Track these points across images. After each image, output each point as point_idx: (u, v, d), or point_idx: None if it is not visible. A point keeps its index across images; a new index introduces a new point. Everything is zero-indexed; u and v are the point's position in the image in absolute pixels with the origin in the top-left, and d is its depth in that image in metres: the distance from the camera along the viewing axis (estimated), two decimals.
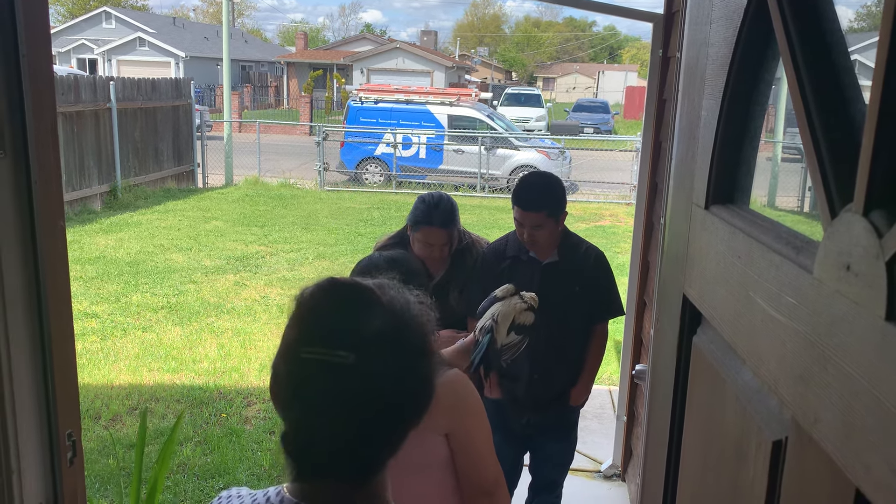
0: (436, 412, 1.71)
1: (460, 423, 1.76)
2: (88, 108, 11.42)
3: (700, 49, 1.42)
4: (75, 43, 37.97)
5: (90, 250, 9.18)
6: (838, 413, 0.75)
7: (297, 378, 0.94)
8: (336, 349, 0.91)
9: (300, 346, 0.93)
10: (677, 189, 1.56)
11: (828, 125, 0.83)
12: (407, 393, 0.98)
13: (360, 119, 15.73)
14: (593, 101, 34.78)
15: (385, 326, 0.94)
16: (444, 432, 1.74)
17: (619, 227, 11.78)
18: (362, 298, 0.95)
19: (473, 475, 1.78)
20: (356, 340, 0.92)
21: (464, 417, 1.77)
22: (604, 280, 2.93)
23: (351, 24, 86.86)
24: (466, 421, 1.77)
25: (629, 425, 3.85)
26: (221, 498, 1.10)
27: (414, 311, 1.00)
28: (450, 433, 1.75)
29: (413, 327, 0.99)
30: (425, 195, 2.86)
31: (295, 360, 0.94)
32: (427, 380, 1.01)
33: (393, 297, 0.99)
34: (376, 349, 0.93)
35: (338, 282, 0.97)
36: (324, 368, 0.91)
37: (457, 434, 1.75)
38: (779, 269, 0.93)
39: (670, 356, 1.52)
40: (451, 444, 1.76)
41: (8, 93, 1.32)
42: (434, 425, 1.72)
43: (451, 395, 1.74)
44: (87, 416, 4.77)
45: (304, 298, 0.96)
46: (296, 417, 0.95)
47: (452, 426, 1.75)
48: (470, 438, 1.78)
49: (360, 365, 0.91)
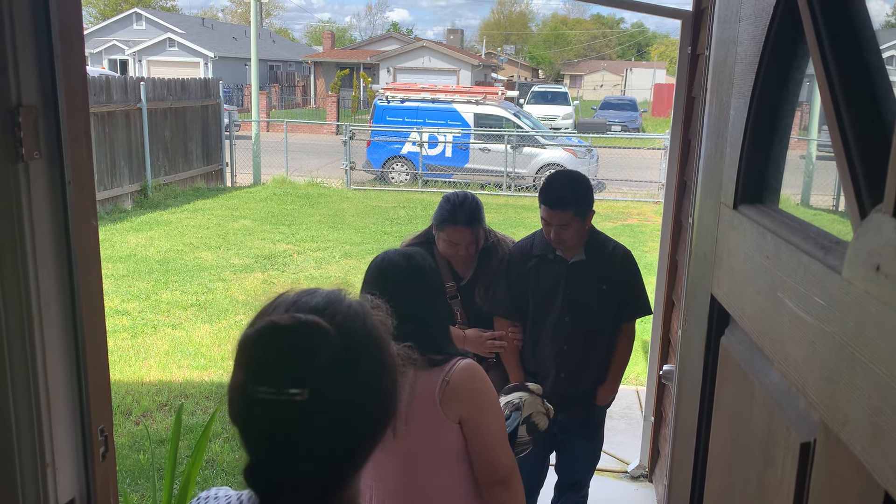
0: (450, 399, 1.74)
1: (473, 410, 1.79)
2: (120, 109, 11.59)
3: (729, 47, 1.41)
4: (107, 44, 38.52)
5: (121, 248, 9.32)
6: (867, 415, 0.74)
7: (252, 414, 0.92)
8: (286, 388, 0.87)
9: (250, 384, 0.89)
10: (705, 188, 1.55)
11: (858, 124, 0.82)
12: (369, 410, 0.96)
13: (387, 118, 15.77)
14: (621, 99, 34.51)
15: (335, 354, 0.90)
16: (457, 419, 1.77)
17: (647, 226, 11.69)
18: (304, 336, 0.89)
19: (488, 463, 1.80)
20: (305, 376, 0.88)
21: (476, 405, 1.80)
22: (631, 279, 2.91)
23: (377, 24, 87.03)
24: (479, 408, 1.80)
25: (656, 426, 3.82)
26: (200, 498, 1.10)
27: (369, 325, 0.97)
28: (463, 420, 1.78)
29: (370, 342, 0.96)
30: (450, 194, 2.87)
31: (247, 396, 0.90)
32: (389, 391, 0.99)
33: (345, 315, 0.94)
34: (329, 378, 0.90)
35: (275, 322, 0.91)
36: (277, 406, 0.88)
37: (470, 421, 1.78)
38: (807, 270, 0.93)
39: (698, 357, 1.51)
40: (464, 432, 1.79)
41: (42, 94, 1.35)
42: (449, 412, 1.76)
43: (465, 382, 1.77)
44: (119, 411, 4.84)
45: (246, 341, 0.92)
46: (256, 450, 0.93)
47: (466, 413, 1.78)
48: (483, 426, 1.80)
49: (315, 397, 0.88)
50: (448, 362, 1.78)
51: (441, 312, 1.95)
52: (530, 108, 27.93)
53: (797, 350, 0.95)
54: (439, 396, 1.74)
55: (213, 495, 1.09)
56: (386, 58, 36.33)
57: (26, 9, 1.30)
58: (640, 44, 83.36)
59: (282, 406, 0.88)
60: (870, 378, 0.74)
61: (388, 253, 1.97)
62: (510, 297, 2.90)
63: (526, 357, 2.95)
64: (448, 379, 1.75)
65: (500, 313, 2.94)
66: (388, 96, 16.10)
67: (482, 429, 1.80)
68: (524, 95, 32.08)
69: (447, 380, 1.75)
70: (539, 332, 2.90)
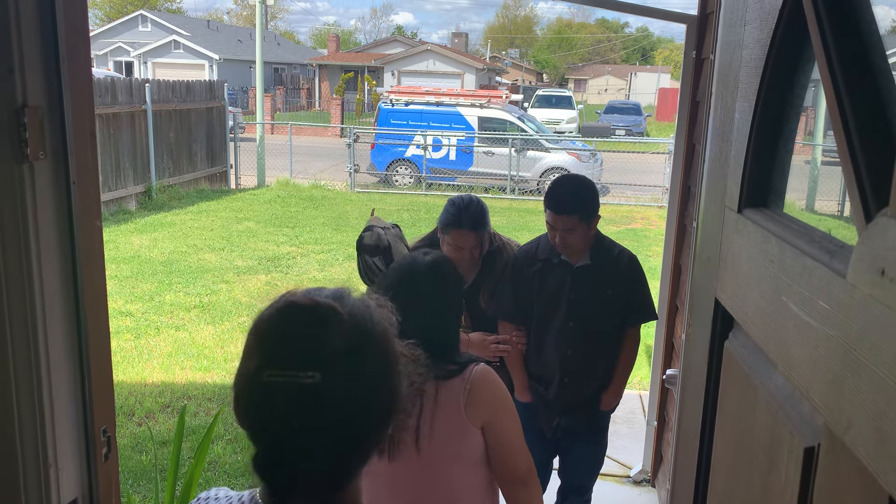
0: (474, 405, 1.75)
1: (495, 415, 1.81)
2: (125, 110, 11.62)
3: (734, 51, 1.41)
4: (112, 46, 38.63)
5: (125, 250, 9.33)
6: (871, 419, 0.74)
7: (264, 401, 0.92)
8: (300, 370, 0.89)
9: (263, 369, 0.91)
10: (710, 192, 1.55)
11: (863, 128, 0.82)
12: (375, 403, 0.96)
13: (391, 121, 15.79)
14: (625, 103, 34.56)
15: (347, 340, 0.92)
16: (480, 424, 1.79)
17: (651, 231, 11.68)
18: (322, 316, 0.92)
19: (509, 465, 1.83)
20: (320, 359, 0.90)
21: (496, 408, 1.82)
22: (636, 284, 2.91)
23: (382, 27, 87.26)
24: (498, 412, 1.82)
25: (660, 431, 3.81)
26: (200, 499, 1.10)
27: (376, 317, 0.99)
28: (485, 425, 1.80)
29: (376, 335, 0.97)
30: (455, 198, 2.86)
31: (259, 383, 0.92)
32: (394, 386, 1.00)
33: (353, 306, 0.96)
34: (341, 365, 0.91)
35: (294, 302, 0.93)
36: (290, 390, 0.89)
37: (492, 425, 1.80)
38: (812, 274, 0.92)
39: (701, 361, 1.51)
40: (486, 437, 1.81)
41: (48, 95, 1.35)
42: (473, 417, 1.77)
43: (486, 387, 1.79)
44: (121, 412, 4.85)
45: (263, 321, 0.94)
46: (265, 439, 0.94)
47: (489, 418, 1.80)
48: (504, 430, 1.83)
49: (326, 382, 0.89)
50: (466, 369, 1.78)
51: (458, 321, 1.95)
52: (534, 111, 27.95)
53: (801, 354, 0.95)
54: (464, 403, 1.75)
55: (214, 496, 1.09)
56: (390, 61, 36.39)
57: (33, 10, 1.30)
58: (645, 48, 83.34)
59: (294, 390, 0.89)
60: (874, 382, 0.74)
61: (414, 257, 1.95)
62: (514, 301, 2.90)
63: (530, 361, 2.94)
64: (469, 385, 1.76)
65: (505, 317, 2.94)
66: (392, 99, 16.12)
67: (502, 431, 1.82)
68: (528, 99, 32.09)
69: (468, 386, 1.76)
70: (543, 336, 2.89)
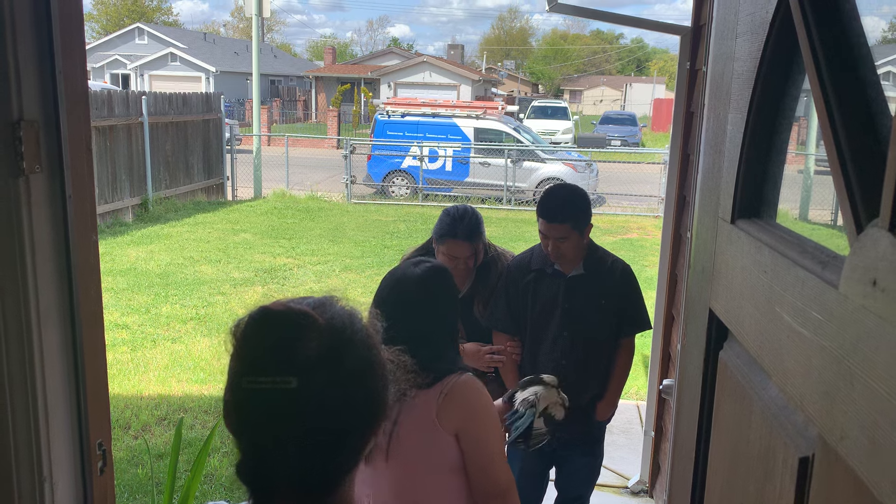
0: (446, 410, 1.75)
1: (470, 423, 1.80)
2: (121, 123, 11.63)
3: (726, 63, 1.42)
4: (109, 58, 38.68)
5: (121, 262, 9.32)
6: (865, 430, 0.74)
7: (244, 407, 0.94)
8: (275, 377, 0.90)
9: (241, 376, 0.93)
10: (703, 203, 1.55)
11: (853, 139, 0.83)
12: (355, 408, 0.97)
13: (387, 132, 15.83)
14: (621, 114, 34.67)
15: (324, 347, 0.93)
16: (453, 431, 1.78)
17: (647, 241, 11.70)
18: (295, 323, 0.93)
19: (485, 477, 1.81)
20: (295, 364, 0.91)
21: (474, 419, 1.81)
22: (631, 294, 2.91)
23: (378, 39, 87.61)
24: (476, 422, 1.82)
25: (657, 441, 3.81)
26: None
27: (357, 325, 1.00)
28: (459, 433, 1.79)
29: (357, 342, 0.98)
30: (451, 208, 2.87)
31: (239, 389, 0.94)
32: (377, 392, 1.00)
33: (334, 314, 0.98)
34: (317, 370, 0.92)
35: (268, 310, 0.95)
36: (267, 396, 0.91)
37: (467, 434, 1.80)
38: (804, 285, 0.93)
39: (697, 371, 1.51)
40: (461, 446, 1.80)
41: (44, 108, 1.35)
42: (444, 423, 1.77)
43: (462, 394, 1.79)
44: (117, 425, 4.83)
45: (238, 330, 0.95)
46: (247, 445, 0.95)
47: (462, 425, 1.79)
48: (480, 440, 1.81)
49: (304, 387, 0.91)
50: (447, 376, 1.78)
51: (452, 330, 1.94)
52: (530, 122, 28.03)
53: (795, 364, 0.95)
54: (436, 408, 1.76)
55: None
56: (387, 73, 36.50)
57: (28, 23, 1.31)
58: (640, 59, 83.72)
59: (269, 396, 0.91)
60: (867, 393, 0.74)
61: (406, 267, 1.94)
62: (509, 312, 2.90)
63: (525, 371, 2.94)
64: (446, 392, 1.77)
65: (499, 327, 2.94)
66: (388, 111, 16.16)
67: (480, 443, 1.81)
68: (524, 110, 32.20)
69: (445, 392, 1.77)
70: (538, 346, 2.89)
